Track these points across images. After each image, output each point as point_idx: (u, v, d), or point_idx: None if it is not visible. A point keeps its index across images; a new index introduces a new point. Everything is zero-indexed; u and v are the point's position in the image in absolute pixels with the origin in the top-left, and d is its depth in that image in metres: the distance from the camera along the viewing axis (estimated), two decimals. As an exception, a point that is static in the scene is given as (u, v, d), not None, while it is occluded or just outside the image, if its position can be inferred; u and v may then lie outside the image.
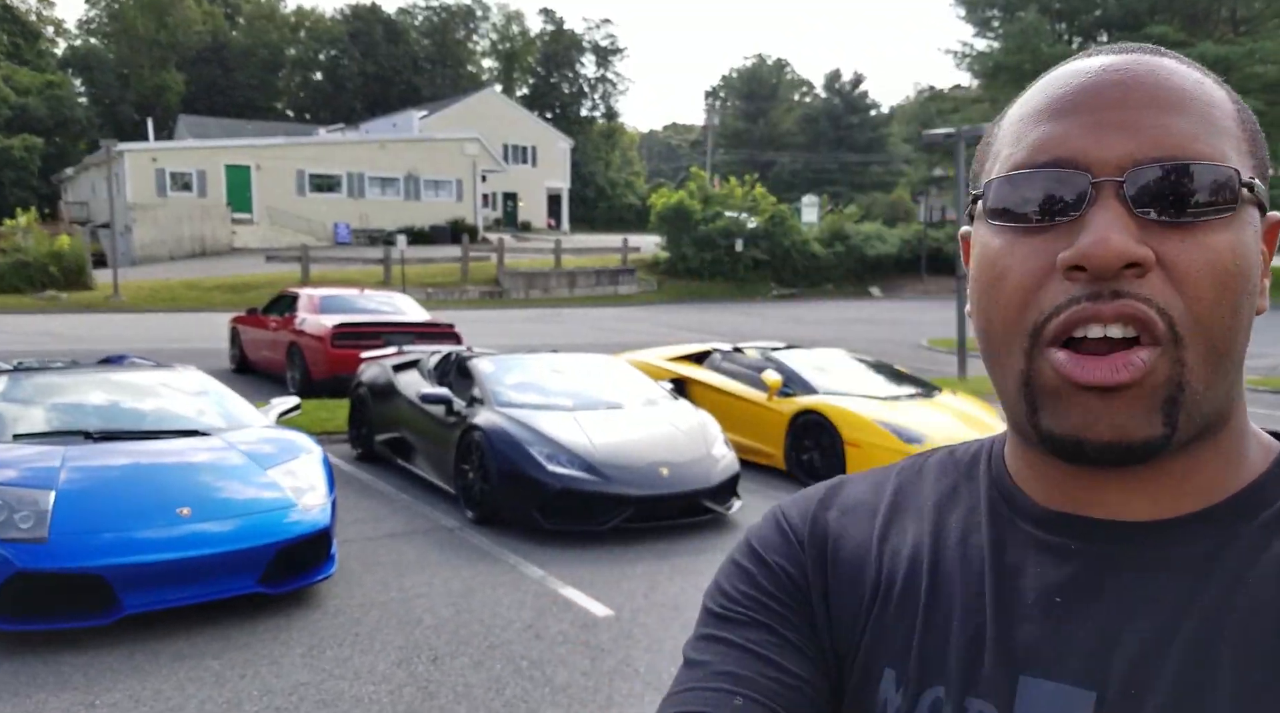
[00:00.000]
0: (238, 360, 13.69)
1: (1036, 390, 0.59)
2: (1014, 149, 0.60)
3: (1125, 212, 0.55)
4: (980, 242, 0.62)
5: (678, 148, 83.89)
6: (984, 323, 0.61)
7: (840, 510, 0.74)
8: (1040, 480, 0.65)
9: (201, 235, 34.61)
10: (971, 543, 0.67)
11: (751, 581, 0.71)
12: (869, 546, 0.71)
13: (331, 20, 63.71)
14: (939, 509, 0.71)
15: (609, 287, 29.33)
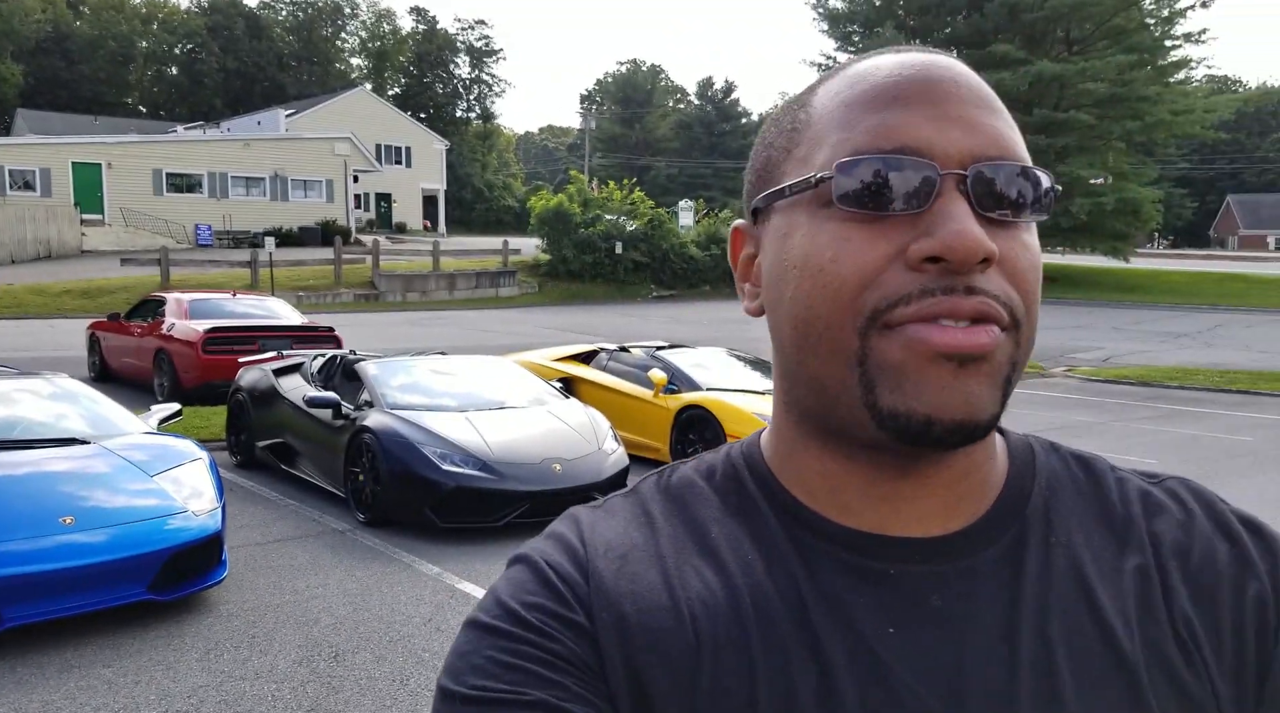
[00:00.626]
0: (97, 369, 13.07)
1: (876, 368, 0.55)
2: (847, 134, 0.57)
3: (970, 206, 0.55)
4: (800, 230, 0.58)
5: (555, 150, 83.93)
6: (803, 312, 0.57)
7: (615, 558, 0.62)
8: (834, 495, 0.62)
9: (47, 237, 32.52)
10: (781, 578, 0.60)
11: (515, 650, 0.57)
12: (666, 599, 0.60)
13: (187, 13, 60.90)
14: (729, 543, 0.62)
15: (489, 289, 29.15)
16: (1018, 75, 32.60)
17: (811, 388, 0.59)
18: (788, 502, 0.63)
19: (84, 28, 58.71)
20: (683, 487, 0.67)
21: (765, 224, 0.62)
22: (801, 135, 0.60)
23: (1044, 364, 18.52)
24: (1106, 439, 10.79)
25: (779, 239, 0.60)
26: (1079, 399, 14.53)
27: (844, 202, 0.55)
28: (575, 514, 0.67)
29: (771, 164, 0.63)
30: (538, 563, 0.62)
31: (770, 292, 0.61)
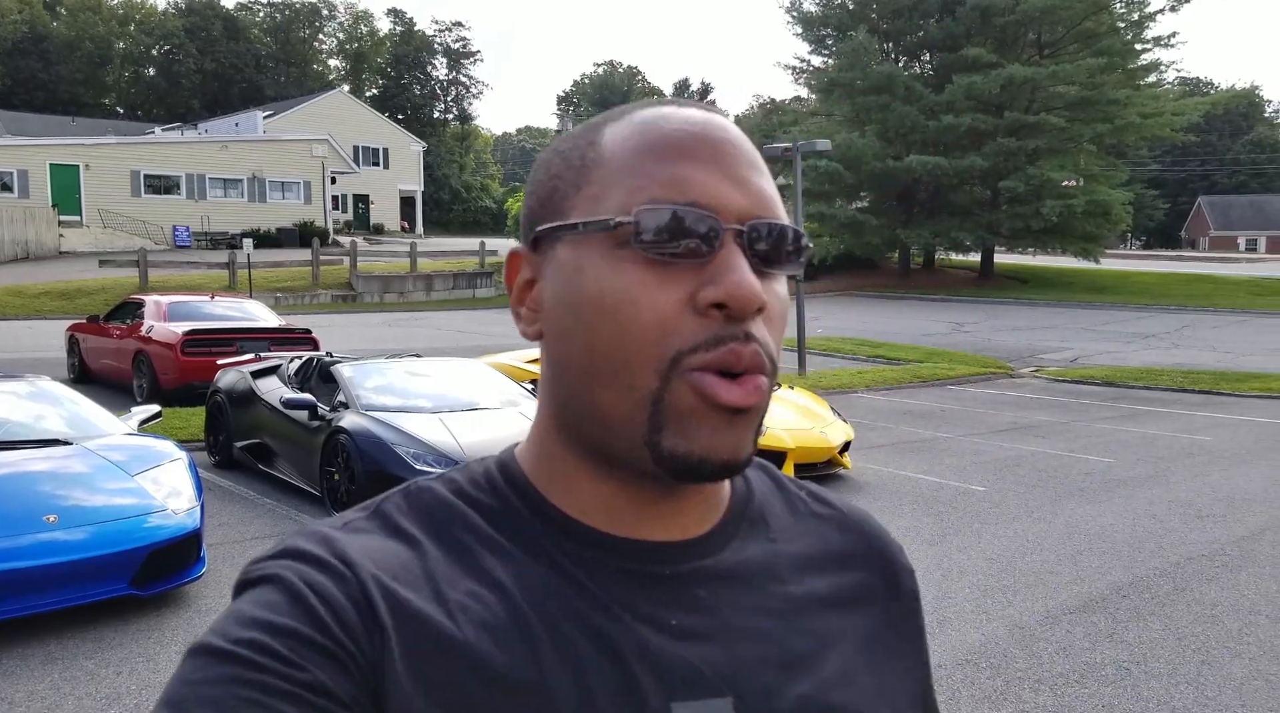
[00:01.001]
0: (77, 370, 13.18)
1: (666, 412, 0.60)
2: (643, 181, 0.61)
3: (746, 258, 0.61)
4: (594, 267, 0.62)
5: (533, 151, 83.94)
6: (602, 346, 0.61)
7: (388, 576, 0.60)
8: (606, 512, 0.66)
9: (25, 239, 32.38)
10: (561, 590, 0.63)
11: (255, 681, 0.54)
12: (444, 621, 0.59)
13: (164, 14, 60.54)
14: (502, 562, 0.64)
15: (466, 290, 29.30)
16: (989, 79, 33.07)
17: (594, 417, 0.63)
18: (558, 518, 0.66)
19: (61, 29, 58.29)
20: (437, 505, 0.66)
21: (549, 253, 0.65)
22: (592, 173, 0.64)
23: (1013, 365, 18.90)
24: (1066, 439, 11.12)
25: (569, 272, 0.63)
26: (1044, 400, 14.88)
27: (642, 246, 0.60)
28: (324, 534, 0.62)
29: (558, 196, 0.65)
30: (294, 584, 0.58)
31: (556, 321, 0.64)
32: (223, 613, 0.59)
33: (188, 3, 58.16)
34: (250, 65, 58.72)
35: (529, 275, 0.67)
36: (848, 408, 13.07)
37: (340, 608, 0.57)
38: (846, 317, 29.40)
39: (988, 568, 6.11)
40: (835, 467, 8.53)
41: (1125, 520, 7.40)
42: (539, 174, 0.68)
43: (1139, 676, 4.51)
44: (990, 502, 7.94)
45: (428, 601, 0.60)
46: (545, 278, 0.65)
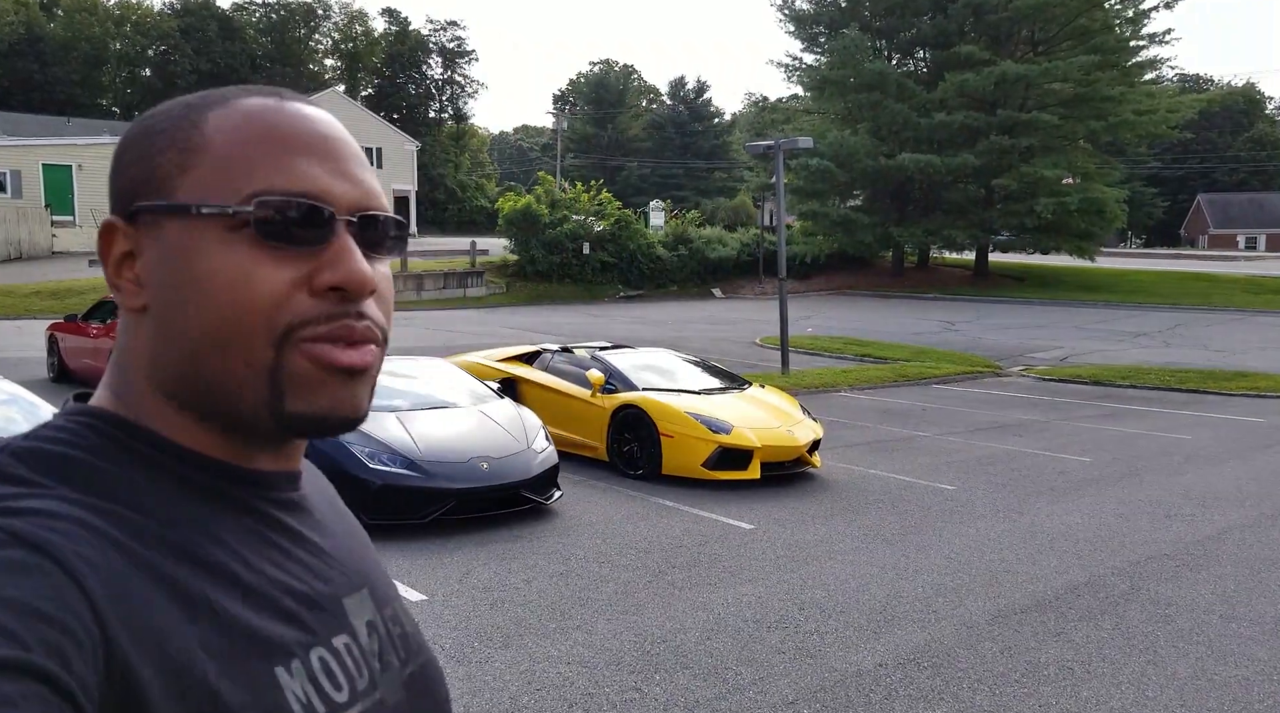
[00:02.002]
0: (56, 369, 13.15)
1: (285, 378, 0.65)
2: (259, 172, 0.66)
3: (356, 245, 0.67)
4: (207, 249, 0.65)
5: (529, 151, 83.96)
6: (215, 321, 0.65)
7: (90, 548, 0.59)
8: (231, 454, 0.71)
9: (18, 238, 32.38)
10: (208, 518, 0.67)
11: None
12: (152, 582, 0.60)
13: (160, 15, 60.50)
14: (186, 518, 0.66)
15: (457, 290, 29.27)
16: (982, 76, 33.02)
17: (212, 388, 0.66)
18: (194, 457, 0.69)
19: (57, 30, 58.24)
20: (58, 460, 0.64)
21: (152, 229, 0.67)
22: (197, 158, 0.66)
23: (1001, 363, 18.85)
24: (1045, 437, 11.08)
25: (181, 251, 0.66)
26: (1028, 398, 14.84)
27: (262, 232, 0.64)
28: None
29: (161, 174, 0.67)
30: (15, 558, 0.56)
31: (165, 295, 0.66)
32: None
33: (183, 3, 58.07)
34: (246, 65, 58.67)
35: (126, 247, 0.68)
36: (829, 407, 13.05)
37: (70, 598, 0.55)
38: (837, 315, 29.36)
39: (944, 567, 6.07)
40: (804, 466, 8.49)
41: (1091, 520, 7.37)
42: (135, 150, 0.69)
43: (1081, 675, 4.48)
44: (957, 501, 7.90)
45: (121, 563, 0.60)
46: (148, 253, 0.67)
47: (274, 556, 0.69)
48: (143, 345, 0.69)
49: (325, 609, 0.70)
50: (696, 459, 8.00)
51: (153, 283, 0.67)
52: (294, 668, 0.65)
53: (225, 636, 0.61)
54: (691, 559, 6.11)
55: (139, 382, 0.69)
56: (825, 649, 4.70)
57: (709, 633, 4.87)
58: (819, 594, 5.50)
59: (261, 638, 0.64)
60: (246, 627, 0.63)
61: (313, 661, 0.67)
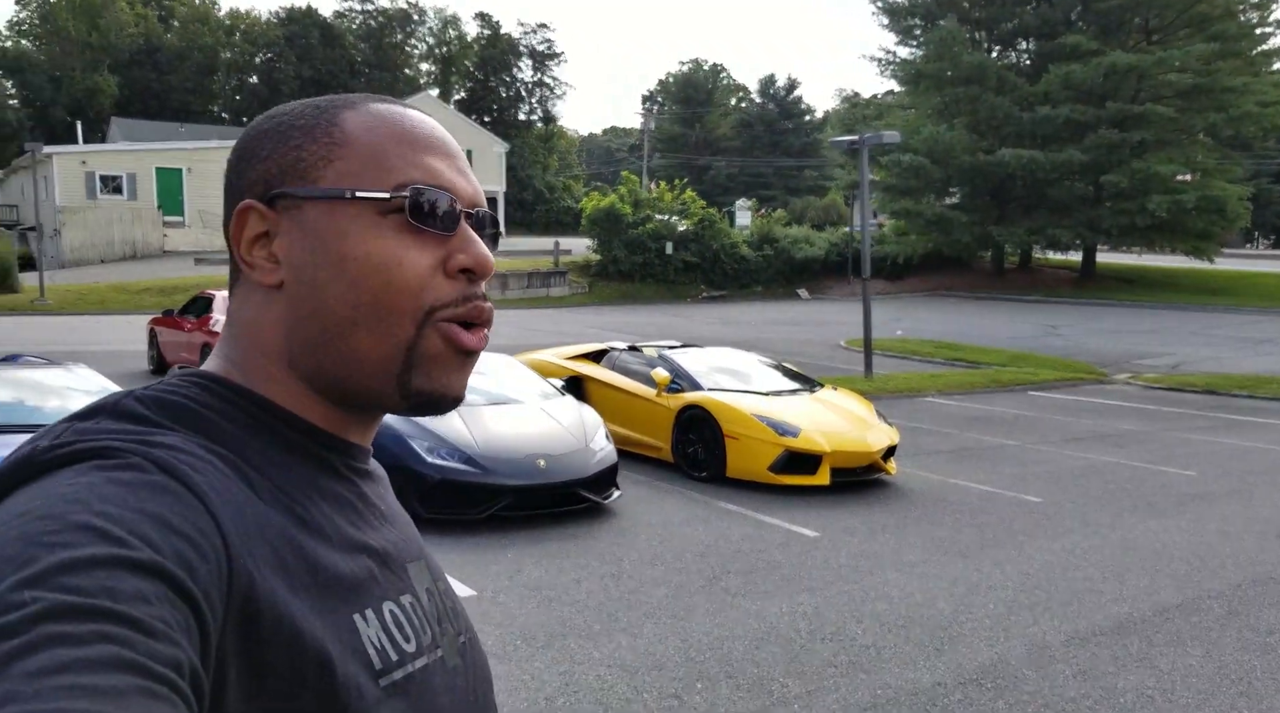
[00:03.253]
0: (155, 361, 13.68)
1: (417, 356, 0.72)
2: (401, 165, 0.73)
3: (477, 235, 0.76)
4: (358, 231, 0.72)
5: (617, 152, 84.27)
6: (367, 298, 0.71)
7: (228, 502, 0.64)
8: (332, 425, 0.77)
9: (133, 238, 34.04)
10: (303, 474, 0.73)
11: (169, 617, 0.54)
12: (260, 518, 0.66)
13: (267, 23, 62.87)
14: (269, 468, 0.71)
15: (540, 289, 29.47)
16: (1090, 67, 31.57)
17: (349, 360, 0.72)
18: (314, 431, 0.75)
19: (173, 40, 61.10)
20: (187, 412, 0.69)
21: (292, 213, 0.73)
22: (341, 151, 0.73)
23: (1106, 370, 17.95)
24: (1148, 448, 10.43)
25: (327, 233, 0.72)
26: (1133, 407, 14.04)
27: (415, 218, 0.72)
28: (164, 460, 0.62)
29: (305, 165, 0.73)
30: (168, 485, 0.61)
31: (307, 274, 0.72)
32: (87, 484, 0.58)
33: (288, 12, 60.21)
34: (345, 71, 60.43)
35: (262, 228, 0.74)
36: (913, 413, 12.58)
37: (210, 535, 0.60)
38: (930, 318, 28.49)
39: (1020, 583, 5.69)
40: (878, 472, 8.14)
41: (1191, 538, 6.84)
42: (271, 143, 0.75)
43: (1162, 705, 4.09)
44: (1043, 514, 7.45)
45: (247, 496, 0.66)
46: (287, 234, 0.73)
47: (353, 516, 0.75)
48: (272, 319, 0.74)
49: (394, 570, 0.76)
50: (762, 462, 7.74)
51: (292, 262, 0.73)
52: (368, 616, 0.69)
53: (315, 580, 0.66)
54: (749, 566, 5.87)
55: (259, 353, 0.75)
56: (881, 665, 4.42)
57: (758, 642, 4.64)
58: (881, 607, 5.20)
59: (345, 586, 0.68)
60: (333, 574, 0.68)
61: (385, 612, 0.71)
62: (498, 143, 50.42)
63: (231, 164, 0.78)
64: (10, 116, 52.31)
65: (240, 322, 0.76)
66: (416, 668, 0.72)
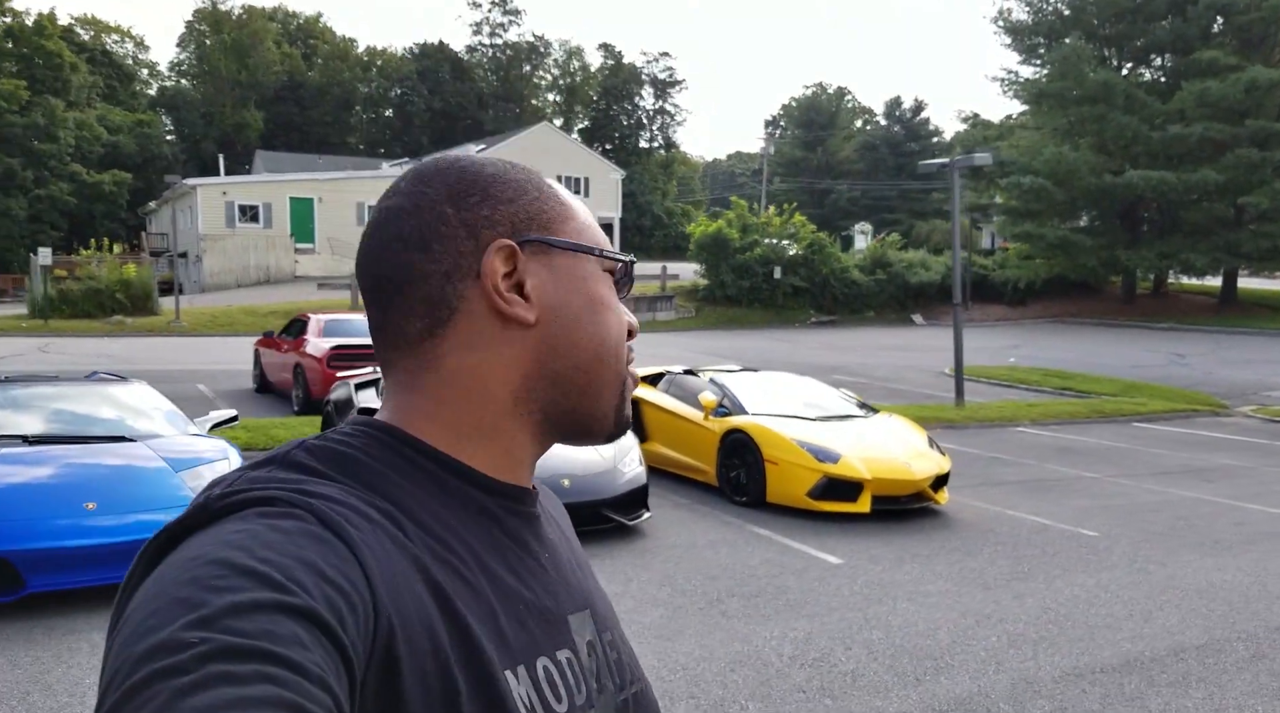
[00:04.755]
0: (258, 380, 14.59)
1: (626, 389, 0.83)
2: (599, 240, 0.83)
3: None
4: (594, 282, 0.81)
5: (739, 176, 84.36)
6: (611, 340, 0.80)
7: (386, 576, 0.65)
8: (502, 470, 0.79)
9: (266, 264, 36.34)
10: (462, 525, 0.74)
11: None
12: (413, 574, 0.67)
13: (401, 58, 66.13)
14: (437, 521, 0.72)
15: (647, 313, 29.83)
16: (1227, 83, 29.84)
17: (584, 392, 0.79)
18: (478, 477, 0.77)
19: (315, 76, 65.10)
20: (361, 468, 0.72)
21: (540, 257, 0.78)
22: (569, 212, 0.82)
23: (1229, 402, 16.89)
24: (1239, 484, 9.83)
25: (578, 280, 0.80)
26: (1243, 441, 13.19)
27: (625, 279, 0.86)
28: (332, 518, 0.65)
29: (546, 217, 0.80)
30: (319, 534, 0.63)
31: (563, 312, 0.78)
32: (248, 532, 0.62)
33: (421, 47, 63.30)
34: (473, 103, 62.93)
35: (512, 268, 0.77)
36: (999, 443, 12.19)
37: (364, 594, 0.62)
38: (1050, 345, 27.37)
39: (1035, 617, 5.51)
40: (925, 501, 7.98)
41: (1247, 578, 6.45)
42: (515, 191, 0.80)
43: (1133, 750, 3.93)
44: (1094, 548, 7.15)
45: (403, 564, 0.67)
46: (537, 276, 0.78)
47: (514, 566, 0.75)
48: (512, 356, 0.77)
49: (552, 623, 0.76)
50: (801, 488, 7.71)
51: (545, 301, 0.78)
52: (520, 673, 0.70)
53: (467, 635, 0.67)
54: (757, 590, 5.90)
55: (476, 395, 0.77)
56: (851, 692, 4.40)
57: (734, 665, 4.68)
58: (875, 635, 5.15)
59: (498, 642, 0.69)
60: (487, 629, 0.69)
61: (538, 669, 0.72)
62: (615, 170, 51.40)
63: (447, 198, 0.77)
64: (166, 151, 56.67)
65: (460, 366, 0.76)
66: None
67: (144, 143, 55.34)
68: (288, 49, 65.33)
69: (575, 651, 0.76)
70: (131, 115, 57.39)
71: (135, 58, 67.45)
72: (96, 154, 51.81)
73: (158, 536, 0.64)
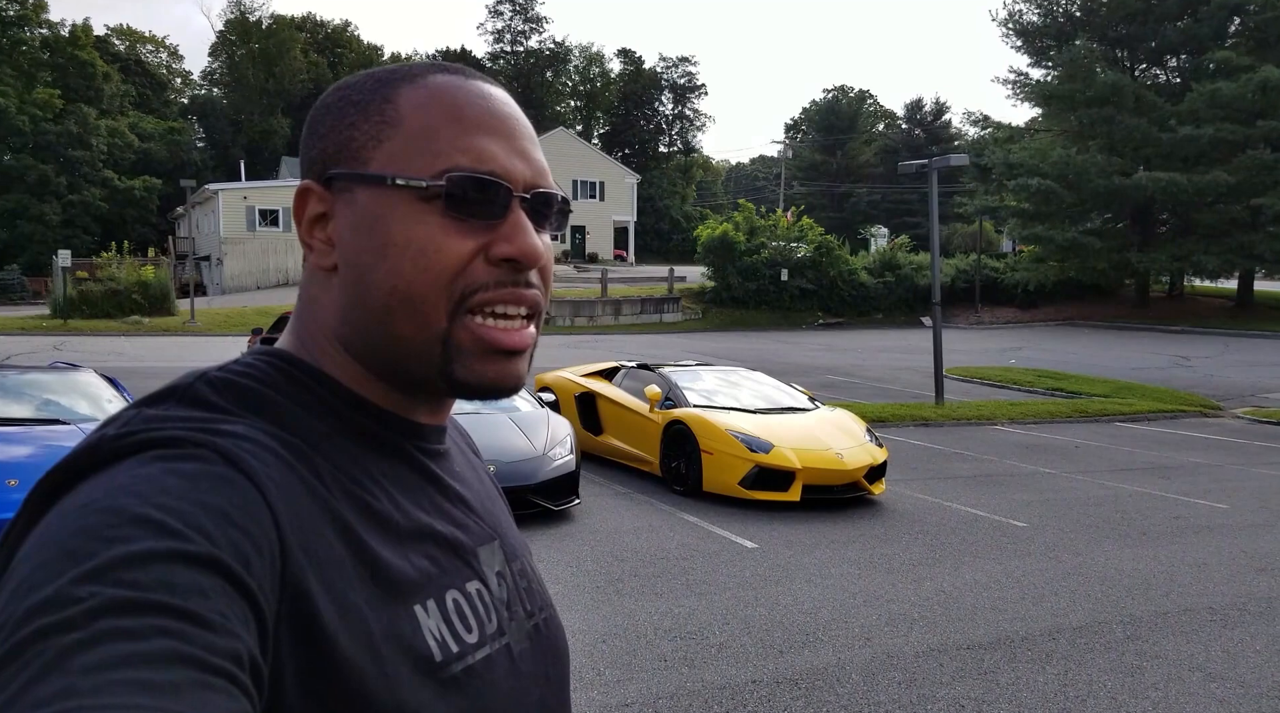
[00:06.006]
0: (249, 378, 14.99)
1: (454, 349, 0.70)
2: (446, 149, 0.70)
3: (528, 221, 0.72)
4: (400, 217, 0.70)
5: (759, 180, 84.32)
6: (403, 285, 0.69)
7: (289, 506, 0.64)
8: (398, 406, 0.76)
9: (286, 267, 37.02)
10: (370, 461, 0.72)
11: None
12: (323, 511, 0.66)
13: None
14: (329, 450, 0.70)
15: (654, 315, 30.02)
16: (1240, 83, 29.53)
17: (392, 346, 0.72)
18: (379, 411, 0.75)
19: (341, 84, 66.10)
20: (263, 401, 0.69)
21: (345, 195, 0.72)
22: (391, 131, 0.71)
23: (1223, 403, 16.79)
24: (1195, 481, 9.87)
25: (374, 217, 0.70)
26: (1221, 440, 13.15)
27: (450, 206, 0.70)
28: (225, 448, 0.62)
29: (355, 144, 0.72)
30: (233, 479, 0.61)
31: (357, 257, 0.71)
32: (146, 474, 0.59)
33: (444, 55, 64.06)
34: (494, 108, 63.54)
35: (321, 209, 0.73)
36: (970, 440, 12.25)
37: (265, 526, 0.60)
38: (1054, 347, 27.23)
39: (926, 599, 5.64)
40: (859, 491, 8.11)
41: (1158, 567, 6.54)
42: (330, 120, 0.74)
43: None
44: (1016, 538, 7.26)
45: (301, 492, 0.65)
46: (341, 217, 0.72)
47: (421, 501, 0.74)
48: (329, 301, 0.74)
49: (460, 556, 0.75)
50: (734, 477, 7.88)
51: (344, 245, 0.72)
52: (429, 607, 0.69)
53: (377, 571, 0.65)
54: (660, 571, 6.07)
55: (321, 333, 0.74)
56: (710, 662, 4.57)
57: (606, 637, 4.87)
58: (758, 612, 5.31)
59: (407, 576, 0.68)
60: (395, 565, 0.67)
61: (447, 601, 0.71)
62: (629, 174, 51.70)
63: (301, 142, 0.77)
64: (195, 157, 57.81)
65: (306, 301, 0.76)
66: (477, 660, 0.71)
67: (174, 149, 56.52)
68: (314, 57, 66.41)
69: (485, 581, 0.76)
70: (163, 123, 58.65)
71: (169, 67, 68.93)
72: (128, 160, 53.02)
73: (44, 480, 0.60)
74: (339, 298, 0.72)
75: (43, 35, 51.52)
